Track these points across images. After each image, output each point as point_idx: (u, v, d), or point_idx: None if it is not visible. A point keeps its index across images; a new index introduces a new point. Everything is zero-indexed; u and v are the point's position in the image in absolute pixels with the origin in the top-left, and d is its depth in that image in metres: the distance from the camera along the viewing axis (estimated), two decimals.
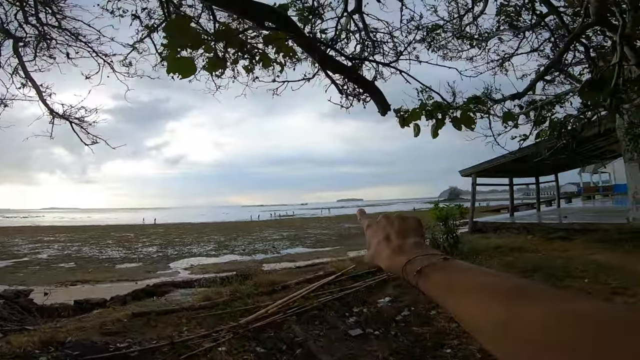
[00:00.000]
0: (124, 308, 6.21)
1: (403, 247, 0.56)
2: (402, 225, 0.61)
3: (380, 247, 0.59)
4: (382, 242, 0.59)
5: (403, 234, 0.59)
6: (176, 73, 1.85)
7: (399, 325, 4.33)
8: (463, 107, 2.88)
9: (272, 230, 31.07)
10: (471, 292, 0.41)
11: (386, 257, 0.57)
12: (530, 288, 0.37)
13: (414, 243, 0.56)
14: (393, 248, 0.57)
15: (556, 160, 16.72)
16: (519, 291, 0.37)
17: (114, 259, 17.84)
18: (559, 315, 0.32)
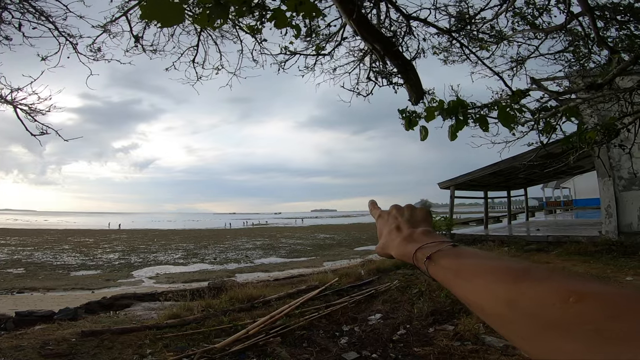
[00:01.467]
0: (73, 324, 5.36)
1: (413, 236, 0.58)
2: (411, 215, 0.63)
3: (392, 236, 0.61)
4: (393, 231, 0.62)
5: (413, 224, 0.61)
6: (154, 20, 1.35)
7: (398, 346, 3.88)
8: (502, 104, 2.52)
9: (245, 239, 30.02)
10: (478, 275, 0.43)
11: (397, 245, 0.59)
12: (536, 270, 0.38)
13: (423, 231, 0.58)
14: (404, 237, 0.59)
15: (529, 175, 17.37)
16: (525, 272, 0.38)
17: (70, 266, 16.40)
18: (564, 293, 0.32)
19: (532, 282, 0.36)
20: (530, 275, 0.37)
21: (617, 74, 1.99)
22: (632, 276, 6.64)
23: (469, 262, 0.46)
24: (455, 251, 0.49)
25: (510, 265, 0.41)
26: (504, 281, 0.39)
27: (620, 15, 2.95)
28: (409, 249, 0.55)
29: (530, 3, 3.28)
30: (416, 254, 0.53)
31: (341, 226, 50.33)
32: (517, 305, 0.35)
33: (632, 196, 9.89)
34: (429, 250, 0.51)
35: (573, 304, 0.31)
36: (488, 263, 0.44)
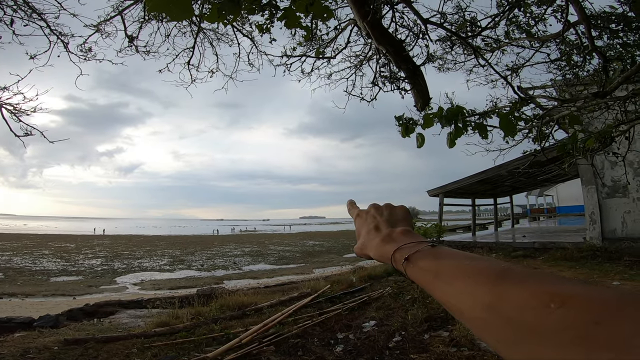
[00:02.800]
0: (54, 332, 5.14)
1: (392, 236, 0.56)
2: (390, 214, 0.61)
3: (370, 237, 0.59)
4: (371, 231, 0.59)
5: (392, 223, 0.59)
6: (162, 12, 1.31)
7: (394, 354, 3.83)
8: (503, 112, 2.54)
9: (233, 246, 29.62)
10: (457, 277, 0.41)
11: (375, 245, 0.57)
12: (516, 271, 0.37)
13: (402, 231, 0.56)
14: (382, 237, 0.56)
15: (514, 182, 17.73)
16: (504, 274, 0.37)
17: (50, 271, 15.87)
18: (545, 297, 0.31)
19: (511, 284, 0.35)
20: (509, 276, 0.36)
21: (622, 82, 2.04)
22: (618, 281, 6.79)
23: (448, 263, 0.44)
24: (433, 252, 0.47)
25: (489, 266, 0.39)
26: (483, 283, 0.37)
27: (613, 24, 3.05)
28: (387, 250, 0.53)
29: (527, 12, 3.35)
30: (394, 255, 0.51)
31: (330, 233, 50.27)
32: (497, 309, 0.34)
33: (615, 203, 10.17)
34: (407, 251, 0.49)
35: (555, 309, 0.29)
36: (467, 264, 0.41)
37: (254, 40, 4.49)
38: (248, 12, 1.92)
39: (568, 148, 3.16)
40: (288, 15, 1.47)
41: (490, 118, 3.46)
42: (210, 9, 1.35)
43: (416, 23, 3.51)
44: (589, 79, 3.48)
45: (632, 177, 9.86)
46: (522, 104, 2.64)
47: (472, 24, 3.50)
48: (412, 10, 2.96)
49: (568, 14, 3.02)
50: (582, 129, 2.58)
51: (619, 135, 2.86)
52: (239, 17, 3.24)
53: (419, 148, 2.99)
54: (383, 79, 3.60)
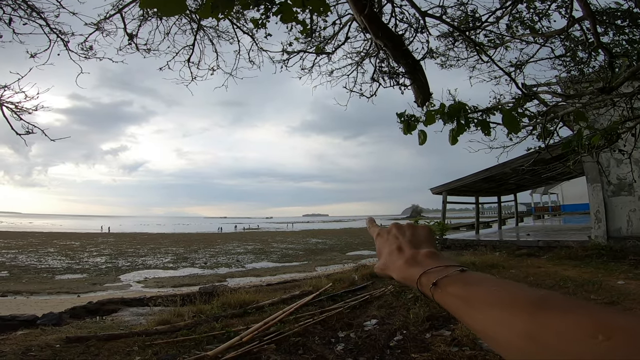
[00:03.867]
0: (57, 329, 5.16)
1: (417, 258, 0.55)
2: (413, 235, 0.60)
3: (393, 258, 0.58)
4: (394, 252, 0.58)
5: (415, 244, 0.58)
6: (153, 8, 1.28)
7: (395, 353, 3.80)
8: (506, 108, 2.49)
9: (236, 244, 29.72)
10: (491, 305, 0.40)
11: (399, 268, 0.56)
12: (556, 299, 0.36)
13: (428, 253, 0.55)
14: (406, 259, 0.55)
15: (519, 180, 17.60)
16: (543, 302, 0.36)
17: (55, 269, 16.00)
18: (592, 328, 0.30)
19: (554, 313, 0.34)
20: (550, 305, 0.35)
21: (628, 78, 1.99)
22: (623, 280, 6.71)
23: (480, 290, 0.43)
24: (463, 277, 0.46)
25: (526, 293, 0.38)
26: (520, 312, 0.36)
27: (619, 20, 2.99)
28: (412, 273, 0.53)
29: (530, 7, 3.29)
30: (420, 279, 0.51)
31: (333, 231, 50.30)
32: (539, 339, 0.33)
33: (621, 201, 10.06)
34: (435, 276, 0.48)
35: (603, 340, 0.28)
36: (501, 291, 0.41)
37: (254, 37, 4.47)
38: (243, 7, 1.90)
39: (573, 145, 3.11)
40: (284, 9, 1.43)
41: (493, 114, 3.41)
42: (204, 3, 1.31)
43: (416, 17, 3.47)
44: (594, 76, 3.42)
45: (638, 174, 9.74)
46: (525, 100, 2.59)
47: (474, 18, 3.45)
48: (409, 2, 2.92)
49: (572, 9, 2.96)
50: (587, 126, 2.53)
51: (625, 132, 2.81)
52: (234, 12, 3.22)
53: (421, 145, 2.95)
54: (382, 74, 3.56)
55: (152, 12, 3.61)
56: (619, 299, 5.41)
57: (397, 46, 2.57)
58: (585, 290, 6.12)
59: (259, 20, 2.15)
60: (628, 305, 5.09)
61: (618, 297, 5.48)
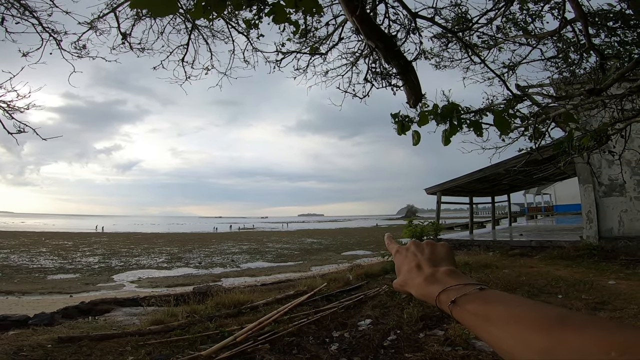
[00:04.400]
0: (49, 329, 5.12)
1: (436, 276, 0.56)
2: (432, 253, 0.61)
3: (412, 275, 0.59)
4: (413, 269, 0.59)
5: (434, 262, 0.59)
6: (144, 8, 1.28)
7: (389, 352, 3.82)
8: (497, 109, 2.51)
9: (231, 243, 29.61)
10: (510, 323, 0.41)
11: (418, 285, 0.57)
12: (574, 317, 0.37)
13: (447, 271, 0.56)
14: (425, 276, 0.56)
15: (512, 181, 17.75)
16: (562, 319, 0.37)
17: (47, 269, 15.83)
18: (606, 344, 0.31)
19: (571, 330, 0.35)
20: (567, 323, 0.36)
21: (617, 79, 2.02)
22: (614, 280, 6.80)
23: (499, 308, 0.44)
24: (482, 296, 0.48)
25: (544, 311, 0.40)
26: (539, 329, 0.37)
27: (611, 22, 3.03)
28: (431, 291, 0.54)
29: (524, 8, 3.33)
30: (440, 297, 0.52)
31: (328, 231, 50.34)
32: (555, 355, 0.34)
33: (612, 202, 10.18)
34: (454, 294, 0.50)
35: (616, 357, 0.30)
36: (520, 310, 0.42)
37: (248, 37, 4.47)
38: (236, 8, 1.89)
39: (564, 146, 3.15)
40: (276, 10, 1.44)
41: (485, 115, 3.44)
42: (196, 4, 1.31)
43: (409, 18, 3.49)
44: (586, 77, 3.46)
45: (629, 175, 9.87)
46: (516, 101, 2.61)
47: (466, 19, 3.47)
48: (400, 4, 2.93)
49: (565, 11, 2.99)
50: (577, 127, 2.56)
51: (615, 133, 2.85)
52: (228, 12, 3.22)
53: (415, 146, 2.97)
54: (375, 75, 3.57)
55: (146, 11, 3.59)
56: (609, 298, 5.48)
57: (389, 47, 2.58)
58: (576, 290, 6.20)
59: (251, 20, 2.15)
60: (619, 305, 5.16)
61: (609, 297, 5.56)
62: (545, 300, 5.64)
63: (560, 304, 5.40)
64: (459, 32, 3.21)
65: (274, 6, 1.48)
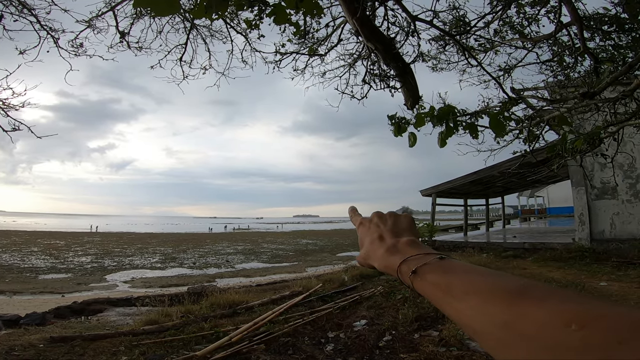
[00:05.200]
0: (41, 329, 5.07)
1: (397, 246, 0.54)
2: (395, 224, 0.59)
3: (374, 247, 0.57)
4: (375, 241, 0.58)
5: (396, 233, 0.57)
6: (146, 7, 1.28)
7: (384, 353, 3.83)
8: (493, 112, 2.54)
9: (226, 244, 29.48)
10: (470, 293, 0.40)
11: (380, 256, 0.55)
12: (535, 288, 0.35)
13: (408, 241, 0.54)
14: (387, 247, 0.55)
15: (506, 183, 17.90)
16: (522, 291, 0.35)
17: (38, 269, 15.64)
18: (567, 316, 0.30)
19: (531, 302, 0.34)
20: (528, 294, 0.35)
21: (610, 83, 2.06)
22: (605, 281, 6.89)
23: (459, 278, 0.42)
24: (443, 265, 0.46)
25: (505, 282, 0.38)
26: (499, 301, 0.36)
27: (605, 26, 3.08)
28: (392, 261, 0.52)
29: (520, 12, 3.38)
30: (400, 267, 0.50)
31: (323, 232, 50.31)
32: (514, 328, 0.33)
33: (604, 205, 10.32)
34: (415, 264, 0.48)
35: (576, 329, 0.28)
36: (481, 280, 0.40)
37: (247, 37, 4.47)
38: (237, 8, 1.90)
39: (557, 149, 3.19)
40: (277, 11, 1.44)
41: (481, 118, 3.48)
42: (198, 3, 1.32)
43: (407, 21, 3.53)
44: (580, 81, 3.51)
45: (621, 179, 10.01)
46: (511, 104, 2.65)
47: (464, 22, 3.51)
48: (400, 6, 2.96)
49: (561, 14, 3.04)
50: (571, 130, 2.60)
51: (608, 136, 2.90)
52: (228, 13, 3.22)
53: (411, 147, 2.99)
54: (373, 77, 3.59)
55: (145, 10, 3.58)
56: None
57: (388, 49, 2.60)
58: None
59: (252, 21, 2.16)
60: None
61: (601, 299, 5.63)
62: None
63: None
64: (456, 35, 3.24)
65: (275, 7, 1.49)
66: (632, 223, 9.91)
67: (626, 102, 2.96)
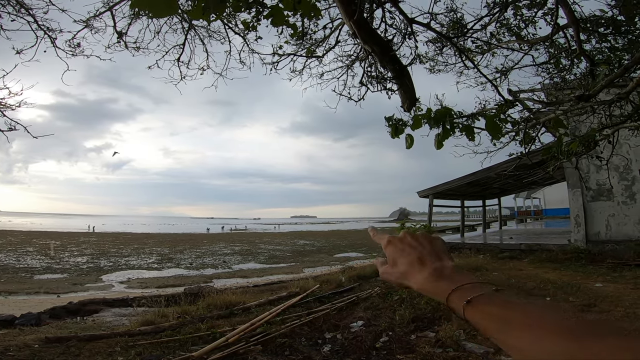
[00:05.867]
0: (36, 329, 5.04)
1: (443, 272, 0.54)
2: (432, 247, 0.60)
3: (413, 269, 0.57)
4: (414, 263, 0.58)
5: (437, 256, 0.58)
6: (144, 9, 1.28)
7: (381, 354, 3.84)
8: (489, 114, 2.56)
9: (223, 244, 29.41)
10: (532, 326, 0.41)
11: (423, 280, 0.55)
12: (596, 324, 0.39)
13: (453, 267, 0.55)
14: (431, 272, 0.55)
15: (503, 185, 17.98)
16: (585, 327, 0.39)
17: (34, 269, 15.56)
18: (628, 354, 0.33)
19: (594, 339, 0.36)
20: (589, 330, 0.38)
21: (605, 86, 2.08)
22: (601, 283, 6.93)
23: (519, 312, 0.44)
24: (500, 298, 0.47)
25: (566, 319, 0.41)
26: (562, 337, 0.39)
27: (602, 28, 3.11)
28: (440, 287, 0.52)
29: (518, 14, 3.40)
30: (451, 295, 0.50)
31: (321, 233, 50.31)
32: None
33: (599, 206, 10.39)
34: (469, 293, 0.48)
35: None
36: (542, 314, 0.43)
37: (245, 38, 4.47)
38: (234, 9, 1.90)
39: (553, 151, 3.21)
40: (275, 13, 1.45)
41: (477, 120, 3.49)
42: (195, 4, 1.32)
43: (405, 23, 3.54)
44: (576, 83, 3.54)
45: (617, 181, 10.08)
46: (507, 106, 2.67)
47: (461, 25, 3.54)
48: (397, 9, 2.98)
49: (558, 16, 3.06)
50: (566, 133, 2.62)
51: (603, 139, 2.92)
52: (226, 14, 3.23)
53: (408, 149, 3.00)
54: (370, 78, 3.61)
55: (143, 11, 3.57)
56: (596, 301, 5.58)
57: (385, 51, 2.61)
58: (564, 293, 6.30)
59: (249, 22, 2.16)
60: (605, 307, 5.26)
61: (596, 300, 5.66)
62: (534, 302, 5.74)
63: None
64: (453, 38, 3.26)
65: (273, 9, 1.49)
66: (628, 225, 9.98)
67: (622, 104, 2.98)
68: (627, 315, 4.75)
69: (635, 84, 1.92)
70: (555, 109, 3.19)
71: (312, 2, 1.46)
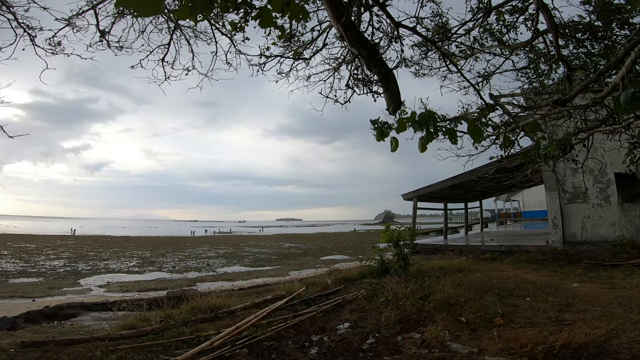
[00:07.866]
0: (11, 334, 4.85)
1: None
2: None
3: None
4: None
5: None
6: (129, 8, 1.26)
7: (368, 355, 3.86)
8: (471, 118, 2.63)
9: (207, 247, 28.97)
10: None
11: None
12: None
13: None
14: None
15: (484, 188, 18.42)
16: None
17: (8, 272, 14.96)
18: None
19: None
20: None
21: (580, 90, 2.18)
22: (577, 283, 7.16)
23: None
24: None
25: None
26: None
27: (579, 33, 3.25)
28: None
29: (500, 19, 3.52)
30: None
31: (306, 235, 50.24)
32: None
33: (575, 208, 10.77)
34: None
35: None
36: None
37: (232, 39, 4.45)
38: (222, 10, 1.89)
39: (531, 155, 3.33)
40: (263, 14, 1.46)
41: (460, 124, 3.58)
42: (182, 4, 1.32)
43: (391, 27, 3.61)
44: (554, 88, 3.69)
45: (592, 183, 10.49)
46: (489, 110, 2.75)
47: (446, 29, 3.63)
48: (385, 12, 3.03)
49: (538, 22, 3.18)
50: (544, 136, 2.72)
51: (578, 143, 3.05)
52: (213, 15, 3.21)
53: (393, 152, 3.05)
54: (357, 81, 3.66)
55: (128, 10, 3.51)
56: (574, 300, 5.76)
57: (371, 54, 2.65)
58: (543, 293, 6.48)
59: (237, 23, 2.16)
60: (583, 307, 5.42)
61: (573, 299, 5.84)
62: (514, 302, 5.88)
63: (529, 306, 5.63)
64: (438, 42, 3.34)
65: (261, 10, 1.50)
66: (603, 226, 10.38)
67: (597, 109, 3.12)
68: (604, 314, 4.91)
69: (611, 89, 2.01)
70: (534, 113, 3.30)
71: (301, 4, 1.48)
